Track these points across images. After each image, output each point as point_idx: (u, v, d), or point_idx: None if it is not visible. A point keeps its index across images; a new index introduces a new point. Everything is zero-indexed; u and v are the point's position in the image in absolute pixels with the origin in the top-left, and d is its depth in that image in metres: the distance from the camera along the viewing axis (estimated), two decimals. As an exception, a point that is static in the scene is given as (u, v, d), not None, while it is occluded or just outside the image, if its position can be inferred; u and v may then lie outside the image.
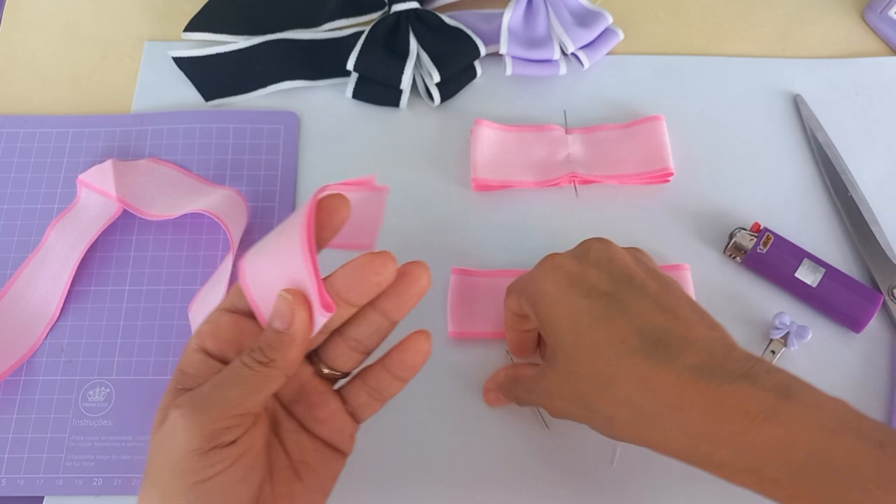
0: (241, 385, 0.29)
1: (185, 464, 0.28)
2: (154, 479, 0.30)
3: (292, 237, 0.29)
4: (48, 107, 0.53)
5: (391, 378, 0.34)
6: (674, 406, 0.31)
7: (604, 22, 0.52)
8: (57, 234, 0.47)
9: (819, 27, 0.56)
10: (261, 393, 0.30)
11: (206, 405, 0.29)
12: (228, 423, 0.29)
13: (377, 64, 0.50)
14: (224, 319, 0.32)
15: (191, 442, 0.28)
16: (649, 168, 0.48)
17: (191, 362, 0.31)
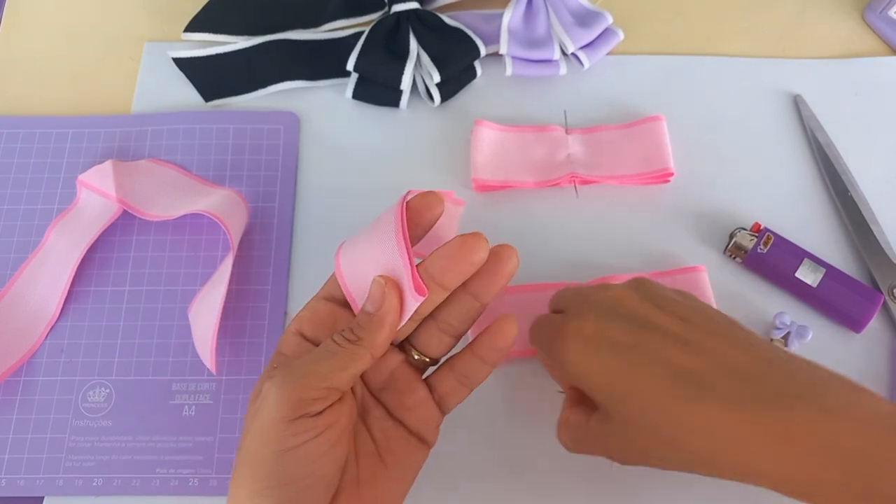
0: (330, 360, 0.31)
1: (273, 431, 0.30)
2: (246, 450, 0.31)
3: (385, 228, 0.32)
4: (48, 107, 0.53)
5: (480, 363, 0.35)
6: (715, 438, 0.32)
7: (604, 22, 0.52)
8: (57, 234, 0.47)
9: (819, 27, 0.56)
10: (347, 370, 0.31)
11: (296, 376, 0.31)
12: (316, 394, 0.31)
13: (377, 64, 0.50)
14: (321, 306, 0.35)
15: (280, 409, 0.30)
16: (649, 168, 0.48)
17: (287, 344, 0.34)
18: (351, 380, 0.32)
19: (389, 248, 0.32)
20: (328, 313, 0.35)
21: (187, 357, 0.44)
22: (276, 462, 0.30)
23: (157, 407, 0.43)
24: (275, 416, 0.30)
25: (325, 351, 0.32)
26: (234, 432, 0.42)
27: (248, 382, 0.44)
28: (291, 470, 0.30)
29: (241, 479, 0.31)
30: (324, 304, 0.35)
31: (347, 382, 0.32)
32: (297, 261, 0.47)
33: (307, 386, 0.31)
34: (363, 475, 0.33)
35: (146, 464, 0.42)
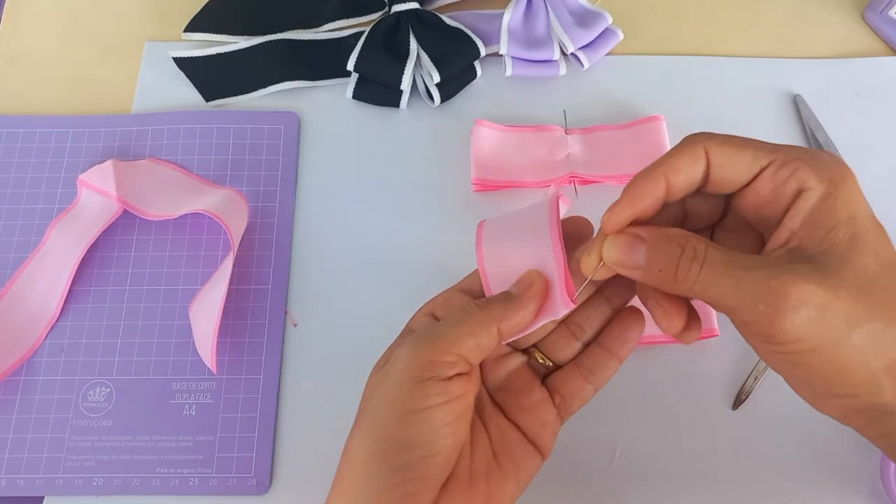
0: (460, 325, 0.31)
1: (402, 391, 0.30)
2: (366, 413, 0.31)
3: (537, 225, 0.32)
4: (48, 107, 0.53)
5: (608, 356, 0.34)
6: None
7: (604, 22, 0.52)
8: (57, 234, 0.47)
9: (819, 27, 0.56)
10: (475, 337, 0.31)
11: (428, 340, 0.31)
12: (446, 358, 0.30)
13: (377, 64, 0.50)
14: (457, 296, 0.35)
15: (411, 369, 0.30)
16: (649, 168, 0.48)
17: (418, 322, 0.35)
18: (478, 350, 0.31)
19: (543, 248, 0.32)
20: (461, 301, 0.34)
21: (188, 356, 0.44)
22: (401, 423, 0.30)
23: (157, 406, 0.43)
24: (405, 376, 0.30)
25: (455, 317, 0.32)
26: (235, 431, 0.42)
27: (248, 382, 0.44)
28: (414, 433, 0.30)
29: (359, 442, 0.31)
30: (460, 294, 0.35)
31: (475, 351, 0.31)
32: (297, 261, 0.47)
33: (438, 350, 0.30)
34: (476, 467, 0.32)
35: (146, 463, 0.42)
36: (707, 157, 0.29)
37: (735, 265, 0.27)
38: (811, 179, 0.28)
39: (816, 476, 0.42)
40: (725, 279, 0.27)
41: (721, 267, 0.27)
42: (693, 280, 0.28)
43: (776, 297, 0.26)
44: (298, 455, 0.42)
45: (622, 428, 0.43)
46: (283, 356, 0.45)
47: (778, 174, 0.29)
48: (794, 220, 0.28)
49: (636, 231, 0.30)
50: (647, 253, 0.29)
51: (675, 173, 0.29)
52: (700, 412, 0.43)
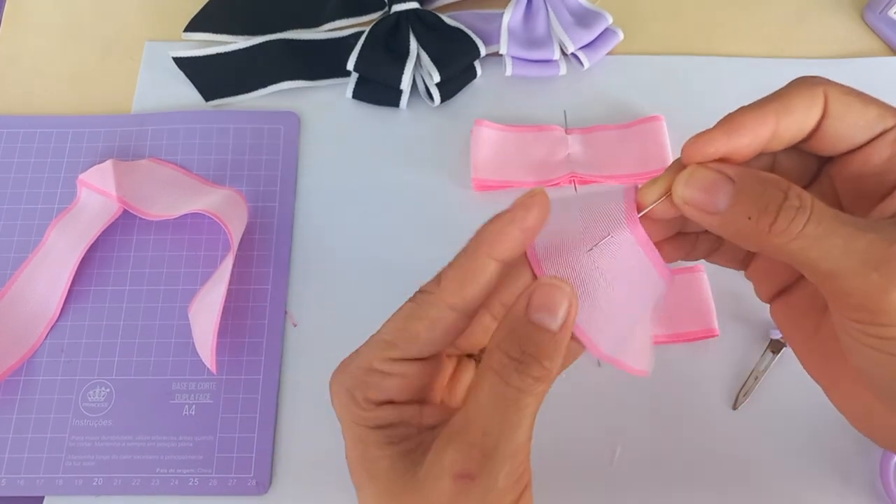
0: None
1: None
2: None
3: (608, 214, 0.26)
4: (48, 107, 0.53)
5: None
6: None
7: (604, 22, 0.52)
8: (57, 234, 0.47)
9: (819, 27, 0.56)
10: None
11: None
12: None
13: (377, 64, 0.50)
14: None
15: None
16: (649, 168, 0.48)
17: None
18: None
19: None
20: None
21: (187, 356, 0.44)
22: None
23: (157, 406, 0.43)
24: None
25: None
26: (234, 432, 0.42)
27: (248, 382, 0.44)
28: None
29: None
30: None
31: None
32: (297, 260, 0.47)
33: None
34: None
35: (146, 463, 0.42)
36: (826, 104, 0.25)
37: (848, 223, 0.22)
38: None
39: (816, 476, 0.42)
40: (834, 238, 0.22)
41: (831, 223, 0.22)
42: (793, 234, 0.22)
43: (887, 267, 0.21)
44: (298, 455, 0.42)
45: (622, 428, 0.43)
46: (283, 356, 0.45)
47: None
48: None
49: (722, 167, 0.24)
50: (736, 195, 0.23)
51: (787, 113, 0.24)
52: (700, 412, 0.43)
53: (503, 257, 0.24)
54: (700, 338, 0.44)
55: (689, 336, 0.44)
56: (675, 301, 0.44)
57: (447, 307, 0.25)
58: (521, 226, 0.24)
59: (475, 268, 0.24)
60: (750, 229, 0.23)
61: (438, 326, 0.25)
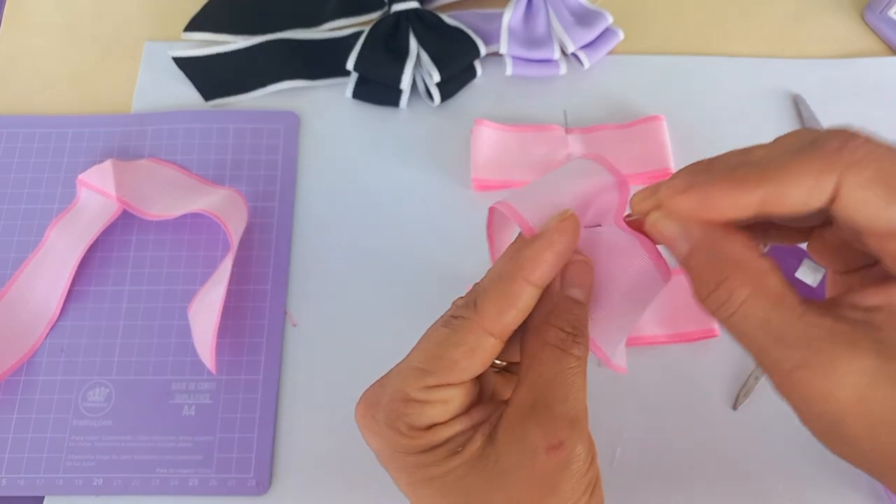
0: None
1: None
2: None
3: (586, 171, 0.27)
4: (48, 107, 0.53)
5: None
6: None
7: (604, 22, 0.52)
8: (57, 234, 0.47)
9: (819, 27, 0.56)
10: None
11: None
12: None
13: (377, 64, 0.50)
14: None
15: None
16: (649, 168, 0.48)
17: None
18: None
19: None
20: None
21: (187, 357, 0.44)
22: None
23: (156, 407, 0.43)
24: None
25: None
26: (234, 432, 0.42)
27: (247, 382, 0.44)
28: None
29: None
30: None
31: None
32: (297, 261, 0.47)
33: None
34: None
35: (146, 463, 0.42)
36: (835, 194, 0.21)
37: (778, 336, 0.22)
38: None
39: (816, 476, 0.42)
40: (760, 339, 0.22)
41: (759, 329, 0.22)
42: (722, 315, 0.23)
43: (824, 399, 0.21)
44: (298, 455, 0.42)
45: (622, 428, 0.43)
46: (283, 356, 0.45)
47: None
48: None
49: (689, 226, 0.23)
50: (687, 256, 0.24)
51: (777, 202, 0.22)
52: (700, 412, 0.43)
53: (541, 283, 0.25)
54: (700, 338, 0.44)
55: (689, 336, 0.44)
56: (675, 301, 0.44)
57: (486, 333, 0.25)
58: (556, 250, 0.25)
59: (514, 293, 0.25)
60: (695, 286, 0.24)
61: (477, 353, 0.25)
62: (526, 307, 0.25)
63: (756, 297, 0.22)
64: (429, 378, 0.25)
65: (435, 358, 0.25)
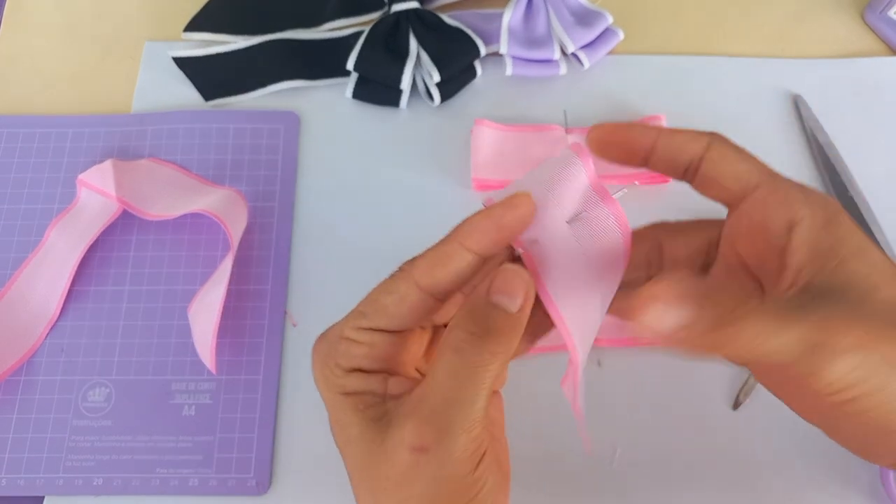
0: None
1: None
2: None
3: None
4: (48, 107, 0.53)
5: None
6: None
7: (604, 22, 0.52)
8: (57, 234, 0.47)
9: (819, 27, 0.56)
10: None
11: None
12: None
13: (377, 64, 0.50)
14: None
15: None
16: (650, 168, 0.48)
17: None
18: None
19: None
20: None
21: (187, 357, 0.44)
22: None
23: (156, 407, 0.43)
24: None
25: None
26: (234, 432, 0.42)
27: (247, 382, 0.44)
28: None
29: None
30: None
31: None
32: (297, 260, 0.47)
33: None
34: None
35: (146, 463, 0.42)
36: (706, 149, 0.28)
37: (782, 315, 0.24)
38: (803, 209, 0.26)
39: (816, 476, 0.42)
40: (779, 332, 0.23)
41: (773, 318, 0.24)
42: (748, 337, 0.23)
43: (822, 347, 0.23)
44: (298, 455, 0.42)
45: (622, 428, 0.43)
46: (283, 356, 0.45)
47: (771, 199, 0.26)
48: (800, 252, 0.25)
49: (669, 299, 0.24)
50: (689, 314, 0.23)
51: (669, 138, 0.28)
52: (700, 412, 0.43)
53: (475, 249, 0.26)
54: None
55: (689, 336, 0.44)
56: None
57: (415, 285, 0.26)
58: (497, 222, 0.25)
59: (447, 252, 0.26)
60: (710, 339, 0.24)
61: (405, 303, 0.26)
62: (458, 270, 0.26)
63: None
64: (362, 320, 0.27)
65: (370, 301, 0.27)
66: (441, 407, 0.24)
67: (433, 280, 0.26)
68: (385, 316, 0.26)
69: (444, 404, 0.24)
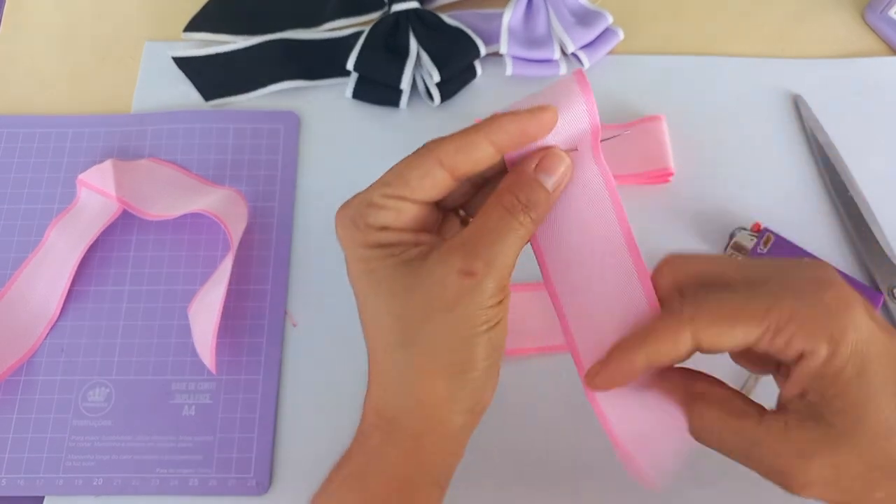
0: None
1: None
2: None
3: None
4: (48, 107, 0.53)
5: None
6: None
7: (604, 22, 0.52)
8: (57, 234, 0.47)
9: (819, 27, 0.56)
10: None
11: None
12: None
13: (377, 64, 0.50)
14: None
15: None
16: (649, 168, 0.48)
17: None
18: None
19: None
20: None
21: (187, 357, 0.44)
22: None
23: (156, 407, 0.43)
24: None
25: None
26: (234, 432, 0.42)
27: (247, 382, 0.44)
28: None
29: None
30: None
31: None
32: (297, 260, 0.47)
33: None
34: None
35: (146, 463, 0.42)
36: (694, 340, 0.29)
37: (745, 441, 0.28)
38: (809, 343, 0.27)
39: (816, 476, 0.42)
40: (739, 456, 0.29)
41: (732, 444, 0.29)
42: (708, 434, 0.30)
43: (788, 479, 0.27)
44: (298, 455, 0.42)
45: (622, 428, 0.43)
46: (283, 356, 0.45)
47: (774, 343, 0.27)
48: (801, 380, 0.27)
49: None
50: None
51: (657, 357, 0.29)
52: (700, 412, 0.43)
53: (497, 143, 0.29)
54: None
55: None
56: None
57: (438, 163, 0.30)
58: (522, 126, 0.29)
59: (472, 141, 0.29)
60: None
61: (427, 178, 0.30)
62: (476, 160, 0.29)
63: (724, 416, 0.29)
64: (387, 188, 0.30)
65: (395, 174, 0.31)
66: (488, 245, 0.29)
67: (454, 163, 0.29)
68: (408, 187, 0.30)
69: (490, 245, 0.29)
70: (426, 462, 0.30)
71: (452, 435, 0.30)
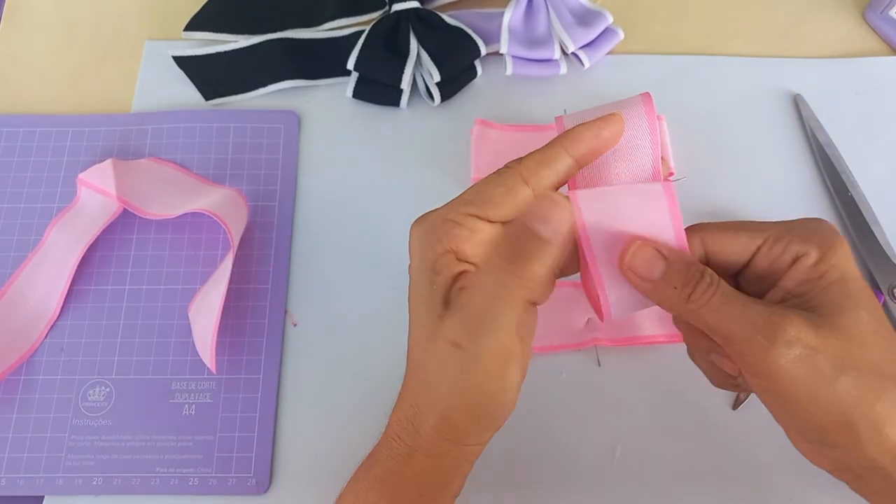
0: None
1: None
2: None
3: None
4: (48, 106, 0.53)
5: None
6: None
7: (604, 21, 0.52)
8: (57, 233, 0.47)
9: (819, 27, 0.56)
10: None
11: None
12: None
13: (377, 63, 0.50)
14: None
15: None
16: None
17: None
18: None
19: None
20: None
21: (187, 356, 0.44)
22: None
23: (156, 406, 0.43)
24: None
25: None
26: (234, 431, 0.42)
27: (247, 382, 0.44)
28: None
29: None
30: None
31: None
32: (298, 260, 0.47)
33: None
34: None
35: (146, 463, 0.42)
36: (704, 247, 0.32)
37: (745, 299, 0.29)
38: (803, 247, 0.30)
39: (816, 476, 0.42)
40: (733, 307, 0.29)
41: (732, 297, 0.29)
42: (703, 302, 0.29)
43: (774, 330, 0.28)
44: (298, 455, 0.42)
45: (622, 428, 0.43)
46: (283, 356, 0.45)
47: (772, 251, 0.31)
48: (789, 281, 0.30)
49: (660, 247, 0.30)
50: (666, 269, 0.30)
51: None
52: (700, 412, 0.43)
53: (575, 154, 0.31)
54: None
55: (690, 336, 0.44)
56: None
57: (522, 180, 0.30)
58: (597, 133, 0.31)
59: (553, 155, 0.31)
60: (674, 297, 0.30)
61: (510, 194, 0.30)
62: (558, 172, 0.31)
63: (725, 286, 0.29)
64: (468, 206, 0.30)
65: (477, 192, 0.31)
66: (474, 316, 0.29)
67: (537, 178, 0.30)
68: (491, 205, 0.30)
69: (476, 315, 0.29)
70: (446, 474, 0.32)
71: (472, 452, 0.32)
